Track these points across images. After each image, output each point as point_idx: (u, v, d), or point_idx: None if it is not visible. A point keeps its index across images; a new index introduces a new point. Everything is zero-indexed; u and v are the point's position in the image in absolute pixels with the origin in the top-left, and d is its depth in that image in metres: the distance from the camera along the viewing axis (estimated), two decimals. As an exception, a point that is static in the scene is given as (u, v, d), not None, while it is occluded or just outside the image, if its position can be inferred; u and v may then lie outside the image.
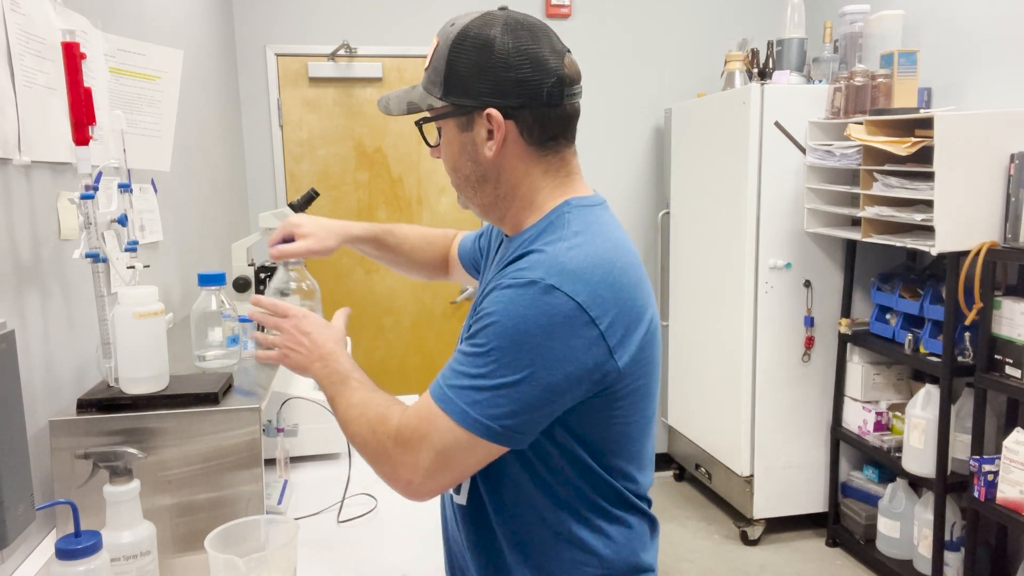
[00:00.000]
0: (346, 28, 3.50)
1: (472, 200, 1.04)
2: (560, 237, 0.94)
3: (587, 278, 0.88)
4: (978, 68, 2.73)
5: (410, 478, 0.92)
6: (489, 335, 0.87)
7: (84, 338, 1.40)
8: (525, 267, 0.90)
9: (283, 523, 1.12)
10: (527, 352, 0.86)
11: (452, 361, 0.92)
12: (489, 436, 0.88)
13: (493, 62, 0.93)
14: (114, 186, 1.41)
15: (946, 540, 2.53)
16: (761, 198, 2.94)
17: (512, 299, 0.87)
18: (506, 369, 0.86)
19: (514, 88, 0.94)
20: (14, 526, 0.95)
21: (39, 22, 1.24)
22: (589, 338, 0.87)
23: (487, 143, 0.96)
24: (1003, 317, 2.27)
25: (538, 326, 0.86)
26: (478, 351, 0.88)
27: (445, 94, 0.96)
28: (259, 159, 3.52)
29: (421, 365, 3.73)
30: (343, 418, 1.00)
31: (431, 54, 0.98)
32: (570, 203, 0.99)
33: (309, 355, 1.06)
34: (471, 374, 0.88)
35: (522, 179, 1.00)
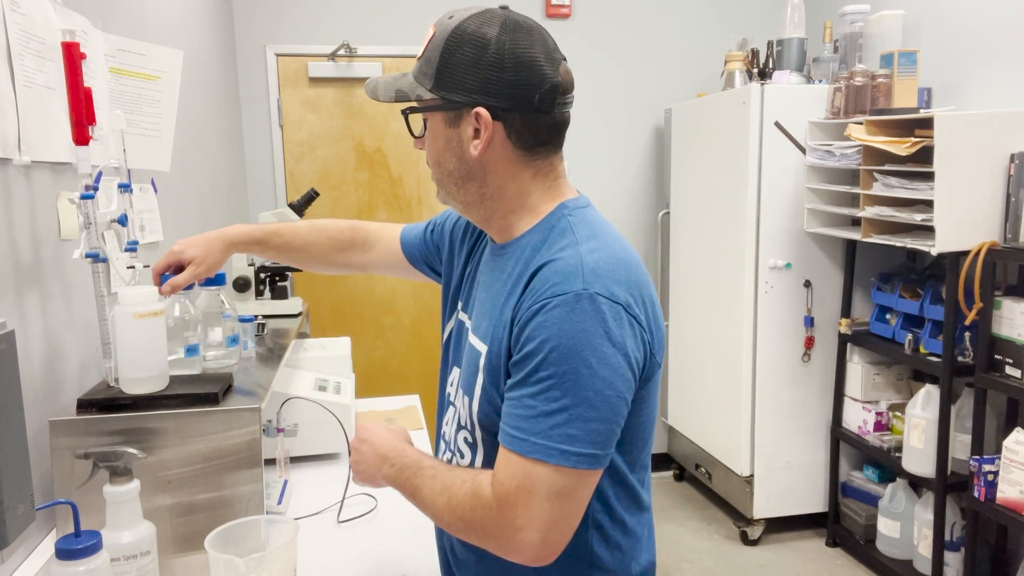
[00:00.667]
0: (346, 28, 3.50)
1: (454, 196, 1.02)
2: (574, 242, 0.92)
3: (619, 278, 0.88)
4: (978, 68, 2.73)
5: (531, 541, 0.86)
6: (552, 362, 0.84)
7: (84, 338, 1.40)
8: (557, 281, 0.87)
9: (283, 523, 1.12)
10: (596, 366, 0.84)
11: (519, 409, 0.87)
12: (596, 464, 0.86)
13: (487, 61, 0.92)
14: (114, 186, 1.41)
15: (946, 540, 2.53)
16: (761, 198, 2.94)
17: (564, 319, 0.85)
18: (584, 391, 0.84)
19: (505, 90, 0.92)
20: (14, 526, 0.95)
21: (39, 22, 1.24)
22: (636, 335, 0.88)
23: (473, 142, 0.95)
24: (1003, 317, 2.27)
25: (596, 335, 0.84)
26: (547, 385, 0.85)
27: (436, 87, 0.95)
28: (259, 159, 3.52)
29: (421, 365, 3.73)
30: (434, 511, 0.96)
31: (426, 44, 0.97)
32: (566, 206, 0.98)
33: (372, 460, 1.04)
34: (551, 411, 0.84)
35: (509, 181, 0.98)
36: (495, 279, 1.01)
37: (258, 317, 1.80)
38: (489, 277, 1.04)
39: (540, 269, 0.91)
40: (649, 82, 3.80)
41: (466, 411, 1.01)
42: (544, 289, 0.88)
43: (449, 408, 1.10)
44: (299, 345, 2.08)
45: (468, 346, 1.03)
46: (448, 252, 1.20)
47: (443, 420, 1.12)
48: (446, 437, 1.09)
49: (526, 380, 0.87)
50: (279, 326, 1.95)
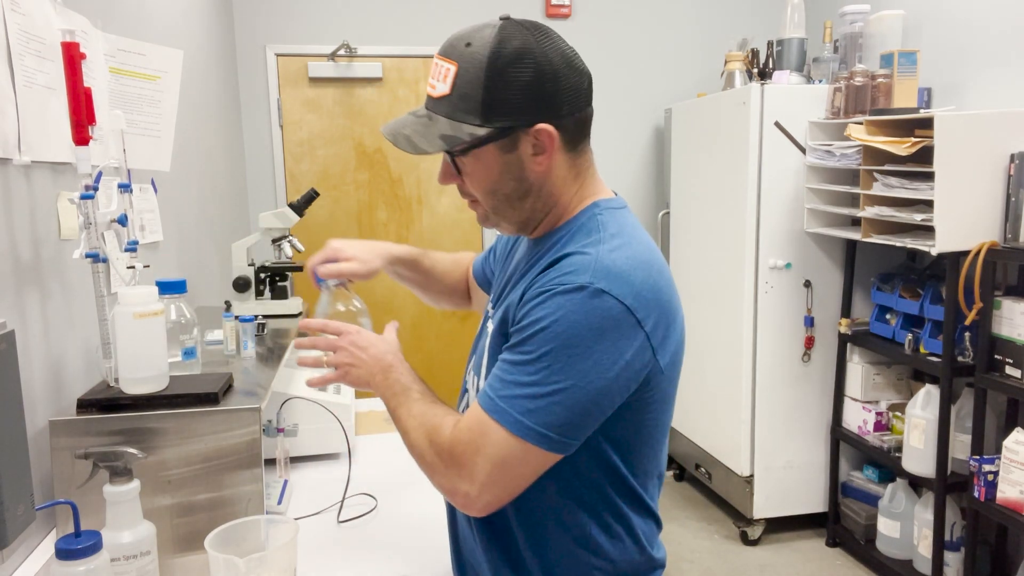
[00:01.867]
0: (346, 28, 3.50)
1: (508, 219, 1.00)
2: (598, 239, 0.92)
3: (631, 280, 0.88)
4: (978, 68, 2.73)
5: (467, 491, 0.90)
6: (539, 342, 0.86)
7: (84, 338, 1.40)
8: (569, 271, 0.89)
9: (283, 523, 1.12)
10: (579, 357, 0.85)
11: (498, 371, 0.90)
12: (545, 445, 0.87)
13: (541, 76, 0.89)
14: (114, 186, 1.41)
15: (946, 540, 2.53)
16: (761, 198, 2.94)
17: (561, 305, 0.86)
18: (558, 375, 0.85)
19: (563, 98, 0.91)
20: (14, 526, 0.95)
21: (39, 22, 1.24)
22: (637, 340, 0.87)
23: (535, 159, 0.93)
24: (1003, 317, 2.27)
25: (589, 330, 0.85)
26: (528, 358, 0.87)
27: (487, 119, 0.90)
28: (259, 159, 3.52)
29: (421, 365, 3.73)
30: (403, 428, 0.99)
31: (450, 80, 0.91)
32: (599, 205, 0.98)
33: (370, 369, 1.04)
34: (522, 382, 0.87)
35: (560, 186, 0.98)
36: (524, 269, 1.02)
37: (258, 317, 1.80)
38: (518, 266, 1.05)
39: (558, 260, 0.92)
40: (649, 82, 3.80)
41: (474, 389, 1.04)
42: (554, 277, 0.89)
43: (464, 396, 1.13)
44: (299, 345, 2.08)
45: (484, 330, 1.08)
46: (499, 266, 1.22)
47: (460, 404, 1.15)
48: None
49: (513, 348, 0.90)
50: (279, 326, 1.95)
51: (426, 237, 3.71)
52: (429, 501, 1.54)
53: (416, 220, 3.70)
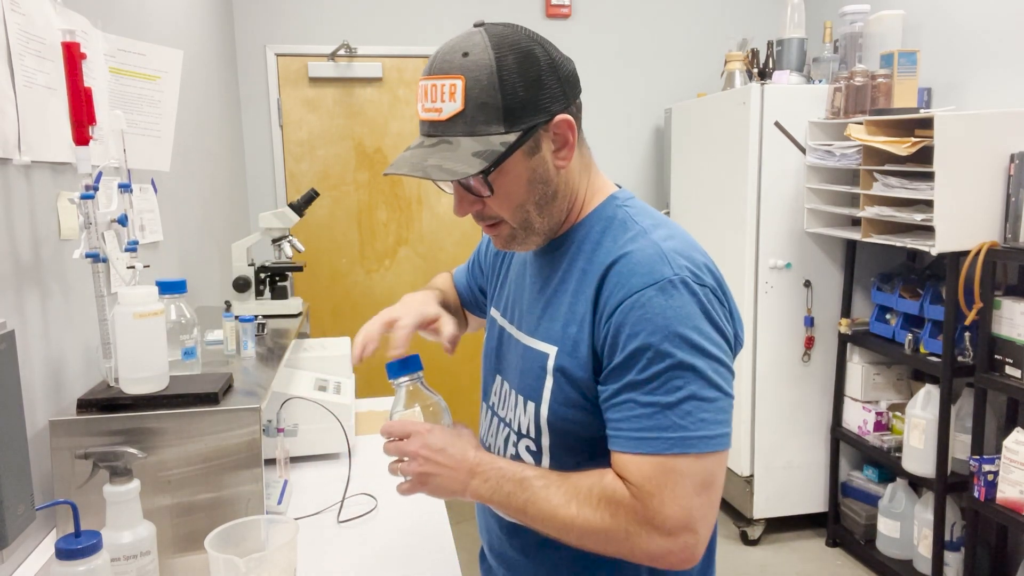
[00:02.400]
0: (346, 28, 3.50)
1: (537, 230, 0.94)
2: (641, 231, 0.90)
3: (699, 263, 0.87)
4: (978, 68, 2.73)
5: (686, 541, 0.81)
6: (666, 353, 0.81)
7: (84, 338, 1.40)
8: (643, 272, 0.85)
9: (283, 523, 1.12)
10: (706, 346, 0.82)
11: (632, 408, 0.83)
12: (728, 443, 0.84)
13: (547, 68, 0.88)
14: (114, 186, 1.41)
15: (946, 540, 2.53)
16: (761, 198, 2.94)
17: (664, 306, 0.82)
18: (703, 372, 0.82)
19: (569, 85, 0.90)
20: (14, 526, 0.95)
21: (39, 22, 1.24)
22: (726, 316, 0.87)
23: (558, 154, 0.91)
24: (1003, 317, 2.27)
25: (700, 318, 0.83)
26: (666, 377, 0.81)
27: (512, 125, 0.86)
28: (259, 159, 3.52)
29: (421, 365, 3.73)
30: (558, 525, 0.86)
31: (460, 94, 0.86)
32: (616, 197, 0.97)
33: (454, 475, 0.91)
34: (675, 401, 0.81)
35: (577, 180, 0.96)
36: (546, 278, 0.98)
37: (258, 317, 1.80)
38: (536, 278, 1.00)
39: (616, 263, 0.87)
40: (649, 82, 3.80)
41: (530, 418, 0.95)
42: (631, 282, 0.85)
43: (493, 421, 1.05)
44: (299, 345, 2.08)
45: (523, 351, 0.98)
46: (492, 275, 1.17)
47: (489, 431, 1.07)
48: (493, 450, 1.04)
49: (637, 380, 0.83)
50: (279, 326, 1.95)
51: (426, 237, 3.71)
52: (429, 501, 1.54)
53: (416, 220, 3.70)
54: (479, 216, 0.94)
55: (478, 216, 0.94)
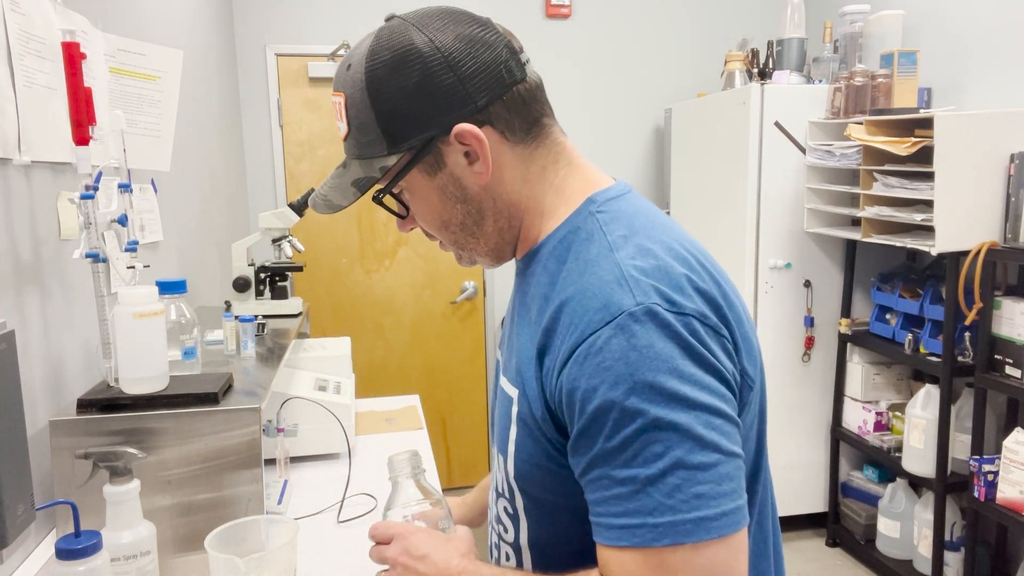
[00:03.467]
0: (346, 28, 3.50)
1: (476, 250, 0.83)
2: (605, 248, 0.72)
3: (677, 282, 0.68)
4: (978, 68, 2.73)
5: None
6: (636, 412, 0.63)
7: (84, 338, 1.40)
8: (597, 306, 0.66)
9: (283, 523, 1.12)
10: (689, 393, 0.64)
11: (608, 486, 0.65)
12: (741, 520, 0.65)
13: (430, 70, 0.72)
14: (114, 186, 1.41)
15: (946, 540, 2.53)
16: (761, 198, 2.94)
17: (626, 350, 0.64)
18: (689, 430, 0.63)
19: (474, 84, 0.73)
20: (14, 526, 0.95)
21: (39, 22, 1.24)
22: (723, 345, 0.68)
23: (471, 168, 0.76)
24: (1003, 317, 2.27)
25: (676, 357, 0.64)
26: (641, 442, 0.63)
27: (393, 144, 0.75)
28: (259, 159, 3.52)
29: (421, 365, 3.73)
30: None
31: (344, 114, 0.77)
32: (593, 200, 0.78)
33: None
34: (657, 474, 0.62)
35: (520, 189, 0.79)
36: (520, 302, 0.83)
37: (258, 317, 1.80)
38: (516, 301, 0.86)
39: (570, 299, 0.70)
40: (649, 82, 3.80)
41: (502, 473, 0.82)
42: (583, 321, 0.67)
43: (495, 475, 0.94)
44: (299, 345, 2.08)
45: (499, 391, 0.84)
46: None
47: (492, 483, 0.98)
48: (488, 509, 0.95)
49: (607, 448, 0.65)
50: (279, 326, 1.95)
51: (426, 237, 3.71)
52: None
53: (416, 220, 3.70)
54: (425, 233, 0.86)
55: (424, 233, 0.86)
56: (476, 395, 3.79)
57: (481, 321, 3.77)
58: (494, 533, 0.89)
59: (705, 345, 0.66)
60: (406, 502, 0.88)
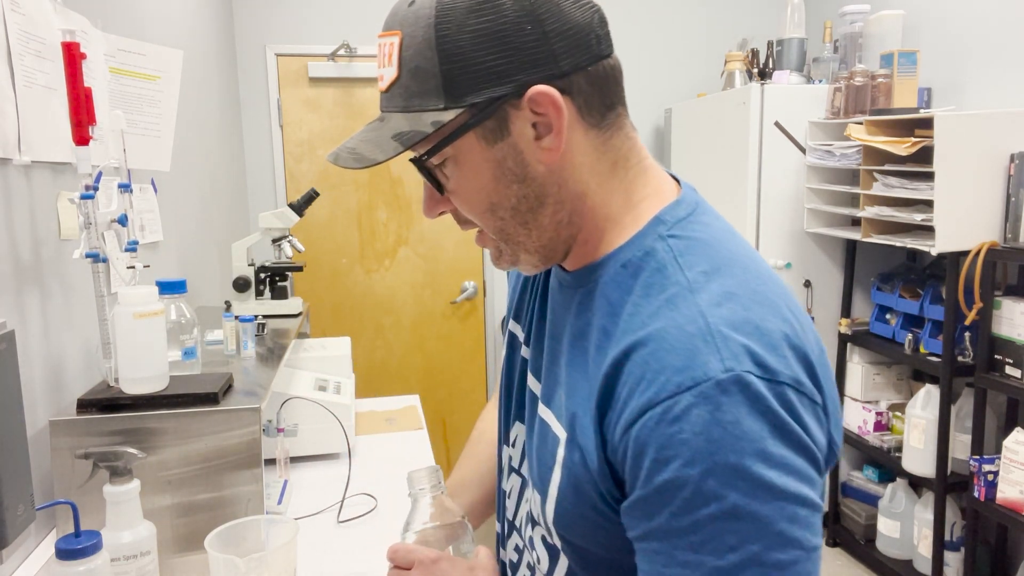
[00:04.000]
0: (346, 28, 3.50)
1: (524, 244, 0.69)
2: (684, 287, 0.61)
3: (771, 340, 0.58)
4: (978, 68, 2.73)
5: None
6: (714, 495, 0.54)
7: (84, 338, 1.40)
8: (678, 365, 0.57)
9: (283, 523, 1.12)
10: (776, 481, 0.55)
11: (668, 563, 0.57)
12: None
13: (510, 18, 0.61)
14: (114, 186, 1.41)
15: (946, 540, 2.53)
16: (761, 198, 2.94)
17: (710, 424, 0.54)
18: (771, 523, 0.54)
19: (559, 44, 0.62)
20: (14, 526, 0.95)
21: (39, 22, 1.24)
22: (816, 417, 0.59)
23: (540, 143, 0.64)
24: (1003, 317, 2.27)
25: (766, 439, 0.55)
26: (714, 529, 0.55)
27: (454, 97, 0.62)
28: (259, 159, 3.52)
29: (421, 365, 3.73)
30: None
31: (394, 58, 0.64)
32: (663, 220, 0.67)
33: None
34: (728, 567, 0.54)
35: (588, 181, 0.67)
36: (564, 321, 0.72)
37: (258, 317, 1.80)
38: (557, 314, 0.75)
39: (638, 345, 0.60)
40: (649, 82, 3.80)
41: (539, 510, 0.72)
42: (658, 380, 0.57)
43: (512, 476, 0.84)
44: (299, 345, 2.08)
45: (538, 421, 0.74)
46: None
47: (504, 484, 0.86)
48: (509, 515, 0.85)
49: (673, 527, 0.56)
50: (279, 326, 1.95)
51: (426, 237, 3.71)
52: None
53: (416, 220, 3.70)
54: (458, 219, 0.72)
55: (457, 219, 0.72)
56: (476, 395, 3.79)
57: (481, 321, 3.77)
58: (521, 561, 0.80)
59: (798, 420, 0.57)
60: (425, 522, 0.81)
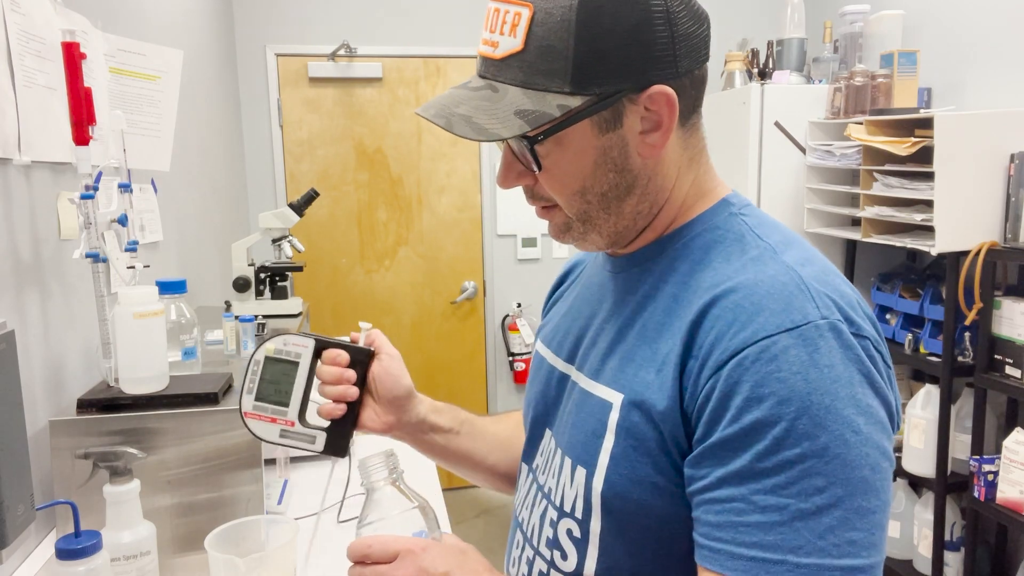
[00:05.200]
0: (346, 28, 3.50)
1: (600, 228, 0.70)
2: (767, 250, 0.65)
3: (852, 302, 0.62)
4: (978, 68, 2.73)
5: None
6: (805, 434, 0.55)
7: (84, 338, 1.40)
8: (775, 308, 0.59)
9: (283, 523, 1.12)
10: (864, 428, 0.56)
11: (748, 509, 0.56)
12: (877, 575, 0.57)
13: (650, 16, 0.63)
14: (114, 186, 1.41)
15: (946, 540, 2.53)
16: (761, 198, 2.94)
17: (807, 364, 0.56)
18: (858, 468, 0.55)
19: (683, 46, 0.65)
20: (14, 526, 0.95)
21: (39, 22, 1.24)
22: (888, 381, 0.62)
23: (645, 138, 0.67)
24: (1003, 317, 2.27)
25: (859, 385, 0.57)
26: (802, 469, 0.55)
27: (582, 85, 0.63)
28: (259, 159, 3.52)
29: (421, 365, 3.73)
30: None
31: (523, 29, 0.63)
32: (730, 202, 0.72)
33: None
34: (813, 509, 0.55)
35: (672, 176, 0.71)
36: (620, 301, 0.73)
37: (258, 317, 1.80)
38: (608, 302, 0.76)
39: (728, 293, 0.62)
40: (649, 82, 3.80)
41: (578, 489, 0.70)
42: (755, 321, 0.59)
43: (532, 489, 0.81)
44: (299, 345, 2.08)
45: (580, 398, 0.73)
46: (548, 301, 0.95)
47: (524, 501, 0.83)
48: (525, 527, 0.81)
49: (756, 468, 0.56)
50: (279, 326, 1.95)
51: (426, 237, 3.71)
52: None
53: (416, 220, 3.70)
54: (530, 194, 0.72)
55: (528, 193, 0.72)
56: (476, 395, 3.79)
57: (481, 321, 3.77)
58: (540, 560, 0.76)
59: (881, 374, 0.60)
60: (386, 512, 0.73)
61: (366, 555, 0.68)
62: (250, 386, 0.84)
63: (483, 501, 3.75)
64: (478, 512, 3.66)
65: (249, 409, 0.85)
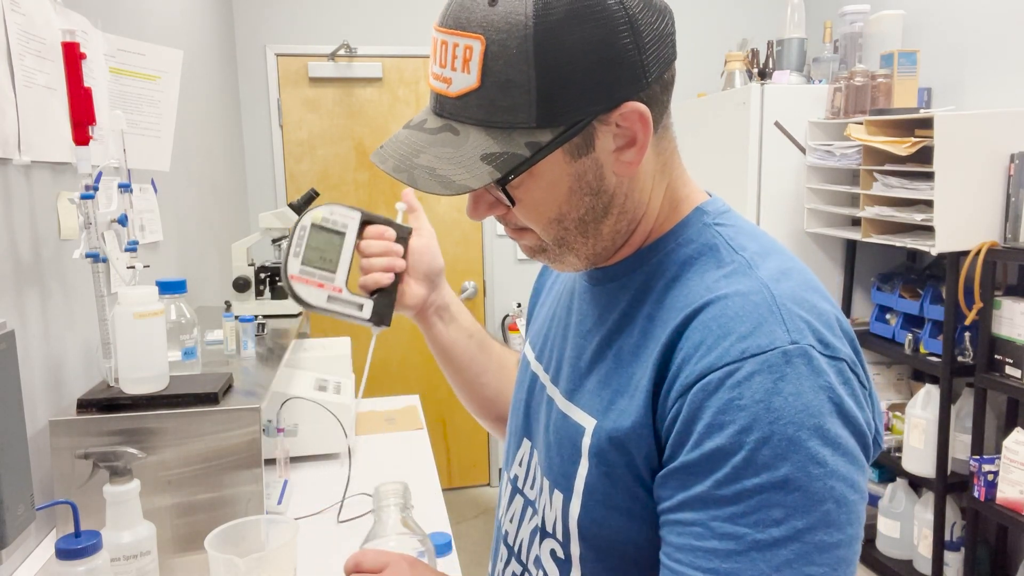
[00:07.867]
0: (346, 28, 3.50)
1: (579, 252, 0.67)
2: (741, 264, 0.62)
3: (828, 320, 0.59)
4: (978, 68, 2.73)
5: None
6: (766, 464, 0.53)
7: (84, 338, 1.40)
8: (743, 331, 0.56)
9: (283, 523, 1.12)
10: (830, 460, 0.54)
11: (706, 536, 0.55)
12: None
13: (613, 29, 0.57)
14: (114, 186, 1.41)
15: (946, 540, 2.53)
16: (761, 198, 2.94)
17: (771, 391, 0.54)
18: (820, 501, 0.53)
19: (649, 54, 0.59)
20: (14, 526, 0.95)
21: (39, 22, 1.24)
22: (865, 400, 0.59)
23: (617, 155, 0.62)
24: (1003, 317, 2.27)
25: (827, 415, 0.54)
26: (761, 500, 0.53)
27: (549, 117, 0.58)
28: (259, 159, 3.52)
29: (421, 365, 3.73)
30: None
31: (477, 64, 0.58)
32: (704, 211, 0.68)
33: None
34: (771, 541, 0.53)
35: (648, 188, 0.66)
36: (597, 318, 0.71)
37: (258, 317, 1.80)
38: (584, 315, 0.73)
39: (700, 311, 0.60)
40: (649, 82, 3.80)
41: (557, 513, 0.69)
42: (721, 345, 0.57)
43: (516, 500, 0.79)
44: (299, 345, 2.08)
45: (555, 417, 0.72)
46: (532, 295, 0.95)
47: (507, 512, 0.81)
48: (510, 540, 0.79)
49: (716, 496, 0.55)
50: (279, 326, 1.95)
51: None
52: (428, 501, 1.54)
53: (416, 220, 3.70)
54: (503, 220, 0.69)
55: (503, 220, 0.69)
56: (476, 395, 3.79)
57: (481, 321, 3.77)
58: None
59: (855, 399, 0.57)
60: (388, 535, 0.77)
61: (361, 563, 0.69)
62: (296, 250, 0.83)
63: (483, 501, 3.75)
64: (478, 512, 3.66)
65: (296, 272, 0.83)
